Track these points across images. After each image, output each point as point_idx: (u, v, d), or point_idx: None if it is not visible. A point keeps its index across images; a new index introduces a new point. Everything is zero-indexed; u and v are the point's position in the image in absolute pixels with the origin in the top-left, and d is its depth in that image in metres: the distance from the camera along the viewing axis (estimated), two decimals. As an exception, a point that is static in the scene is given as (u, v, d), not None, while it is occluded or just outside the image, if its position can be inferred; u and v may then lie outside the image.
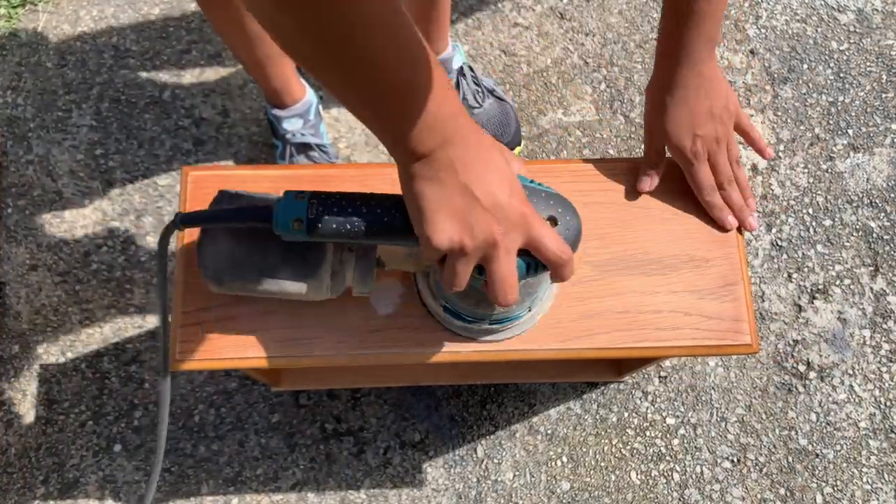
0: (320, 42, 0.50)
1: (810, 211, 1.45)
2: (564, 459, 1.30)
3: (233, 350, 0.77)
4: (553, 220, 0.62)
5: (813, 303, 1.39)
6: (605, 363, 1.28)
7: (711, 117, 0.79)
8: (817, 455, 1.31)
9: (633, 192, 0.84)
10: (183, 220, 0.66)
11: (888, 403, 1.34)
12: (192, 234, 0.80)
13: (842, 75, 1.55)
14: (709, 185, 0.81)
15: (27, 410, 1.30)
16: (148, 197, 1.42)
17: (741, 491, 1.28)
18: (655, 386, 1.34)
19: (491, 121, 1.41)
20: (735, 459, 1.30)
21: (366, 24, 0.49)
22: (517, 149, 1.45)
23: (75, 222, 1.40)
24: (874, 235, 1.43)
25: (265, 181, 0.83)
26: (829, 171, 1.48)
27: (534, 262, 0.61)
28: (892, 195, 1.46)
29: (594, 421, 1.32)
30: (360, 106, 0.55)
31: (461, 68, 1.40)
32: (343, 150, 1.46)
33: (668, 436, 1.31)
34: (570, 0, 1.59)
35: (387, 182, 0.83)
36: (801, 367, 1.35)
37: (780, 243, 1.43)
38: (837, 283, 1.40)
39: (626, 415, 1.32)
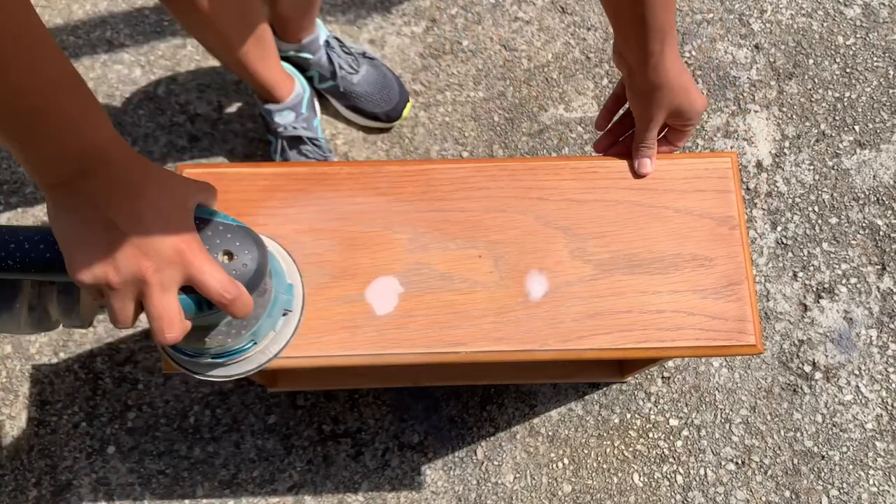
0: None
1: (816, 208, 1.45)
2: (566, 461, 1.30)
3: (228, 350, 0.77)
4: (230, 255, 0.61)
5: (819, 302, 1.39)
6: (607, 364, 1.28)
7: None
8: (823, 457, 1.31)
9: (634, 190, 0.84)
10: None
11: (895, 404, 1.34)
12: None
13: (848, 70, 1.55)
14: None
15: (19, 411, 1.30)
16: (142, 194, 1.42)
17: (746, 493, 1.28)
18: (658, 387, 1.34)
19: (372, 85, 1.43)
20: (739, 461, 1.30)
21: None
22: (408, 105, 1.46)
23: (68, 220, 1.40)
24: (881, 233, 1.43)
25: (261, 178, 0.83)
26: (835, 167, 1.48)
27: (204, 299, 0.59)
28: (900, 192, 1.46)
29: (596, 422, 1.32)
30: None
31: (327, 42, 1.41)
32: (341, 147, 1.46)
33: (671, 437, 1.31)
34: (572, -6, 1.59)
35: (385, 180, 0.83)
36: (807, 368, 1.35)
37: (785, 241, 1.43)
38: (844, 281, 1.40)
39: (628, 416, 1.32)
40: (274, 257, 0.75)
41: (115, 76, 1.50)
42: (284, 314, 0.74)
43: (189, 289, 0.58)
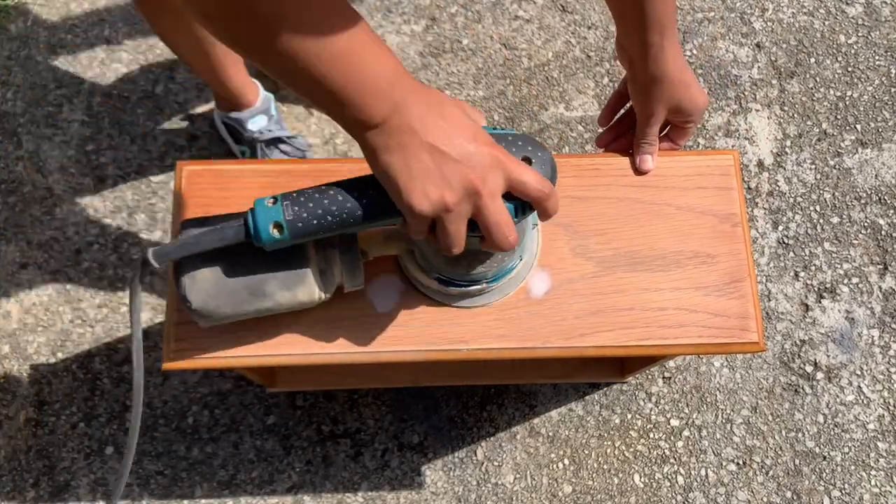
0: (255, 22, 0.51)
1: (817, 208, 1.45)
2: (566, 462, 1.30)
3: (227, 349, 0.77)
4: (527, 160, 0.62)
5: (820, 302, 1.39)
6: (608, 363, 1.28)
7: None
8: (825, 457, 1.31)
9: (636, 187, 0.84)
10: (156, 256, 0.62)
11: (897, 404, 1.34)
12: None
13: (850, 69, 1.55)
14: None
15: (17, 412, 1.30)
16: (140, 194, 1.42)
17: (747, 494, 1.28)
18: (659, 387, 1.34)
19: None
20: (741, 462, 1.30)
21: None
22: None
23: (66, 220, 1.40)
24: (883, 233, 1.44)
25: (262, 175, 0.83)
26: (837, 167, 1.48)
27: (519, 202, 0.61)
28: (901, 192, 1.46)
29: (597, 423, 1.32)
30: (303, 84, 0.55)
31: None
32: (340, 146, 1.46)
33: (672, 438, 1.31)
34: (572, -7, 1.59)
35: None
36: (809, 368, 1.35)
37: (786, 241, 1.43)
38: (845, 281, 1.40)
39: (629, 416, 1.32)
40: None
41: (113, 75, 1.50)
42: (533, 227, 0.79)
43: (504, 197, 0.60)
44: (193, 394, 1.31)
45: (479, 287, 0.75)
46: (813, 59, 1.56)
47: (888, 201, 1.46)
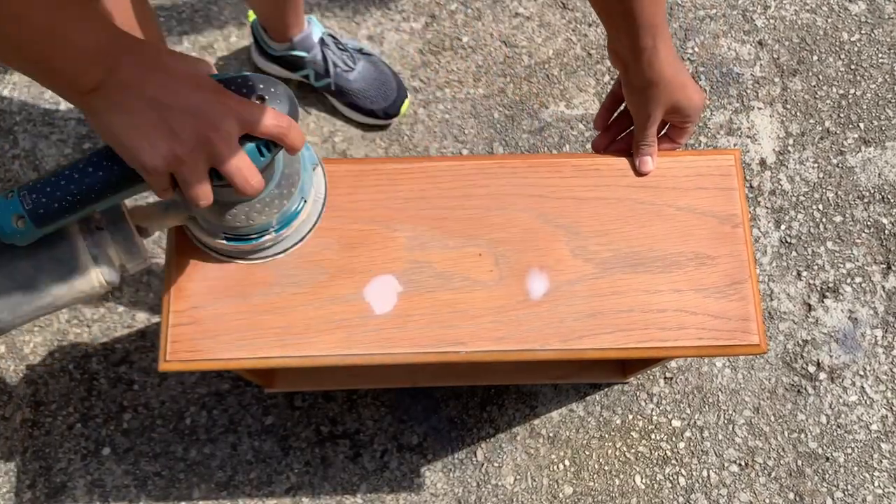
0: None
1: (820, 207, 1.45)
2: (567, 463, 1.30)
3: (225, 350, 0.77)
4: (261, 99, 0.62)
5: (823, 302, 1.39)
6: (608, 364, 1.28)
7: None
8: (827, 459, 1.31)
9: (636, 188, 0.84)
10: None
11: (900, 405, 1.34)
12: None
13: (853, 67, 1.55)
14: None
15: (13, 413, 1.30)
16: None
17: (749, 496, 1.29)
18: (661, 387, 1.34)
19: (369, 81, 1.43)
20: (743, 463, 1.30)
21: None
22: (406, 101, 1.46)
23: (63, 219, 1.40)
24: (886, 232, 1.44)
25: (258, 176, 0.83)
26: (840, 165, 1.48)
27: (261, 142, 0.60)
28: (905, 191, 1.46)
29: (597, 423, 1.32)
30: (11, 58, 0.54)
31: (322, 39, 1.40)
32: (339, 145, 1.46)
33: (673, 439, 1.31)
34: (573, -11, 1.59)
35: (383, 177, 0.83)
36: (811, 368, 1.35)
37: (789, 240, 1.43)
38: (848, 281, 1.40)
39: (630, 417, 1.32)
40: None
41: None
42: (314, 169, 0.78)
43: (244, 138, 0.59)
44: (191, 394, 1.31)
45: (269, 237, 0.75)
46: (815, 57, 1.56)
47: (891, 200, 1.46)
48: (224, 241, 0.75)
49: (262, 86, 0.62)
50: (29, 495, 1.26)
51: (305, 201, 0.76)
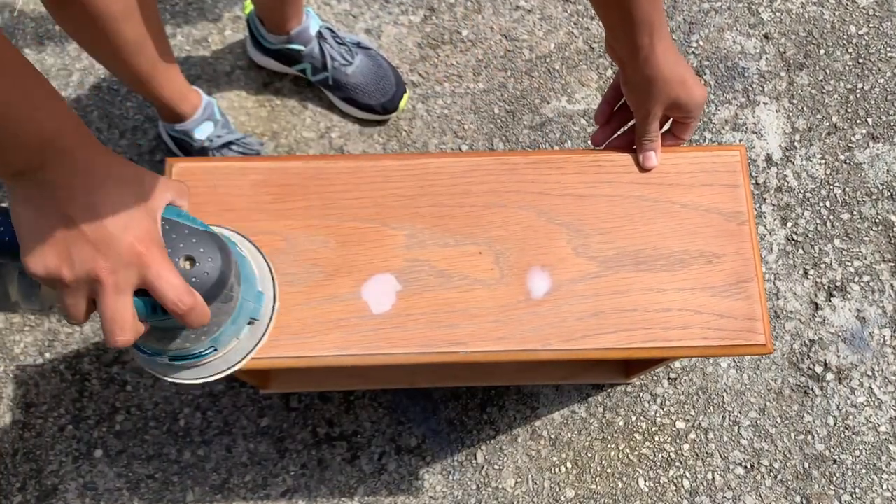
0: None
1: (827, 204, 1.45)
2: (569, 465, 1.30)
3: (219, 350, 0.77)
4: (191, 260, 0.61)
5: (830, 301, 1.39)
6: (611, 364, 1.28)
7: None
8: (835, 461, 1.31)
9: (639, 185, 0.84)
10: None
11: (909, 406, 1.34)
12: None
13: (861, 61, 1.55)
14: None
15: (3, 414, 1.30)
16: (130, 189, 1.42)
17: (755, 499, 1.28)
18: (664, 388, 1.34)
19: (367, 76, 1.43)
20: (748, 465, 1.30)
21: None
22: (404, 96, 1.46)
23: (54, 216, 1.40)
24: (895, 229, 1.43)
25: (253, 173, 0.83)
26: (848, 161, 1.48)
27: (156, 302, 0.59)
28: (914, 187, 1.46)
29: (600, 425, 1.32)
30: None
31: (319, 33, 1.40)
32: (336, 140, 1.46)
33: (677, 441, 1.31)
34: (575, -18, 1.59)
35: (381, 174, 0.83)
36: (818, 369, 1.35)
37: (795, 238, 1.43)
38: (856, 279, 1.40)
39: (633, 419, 1.32)
40: (246, 262, 0.74)
41: (101, 68, 1.49)
42: (251, 323, 0.74)
43: (145, 291, 0.58)
44: (185, 395, 1.31)
45: (162, 360, 0.72)
46: (822, 51, 1.56)
47: (900, 197, 1.46)
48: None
49: (201, 249, 0.61)
50: (20, 498, 1.26)
51: (216, 349, 0.72)
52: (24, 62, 0.52)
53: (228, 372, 0.73)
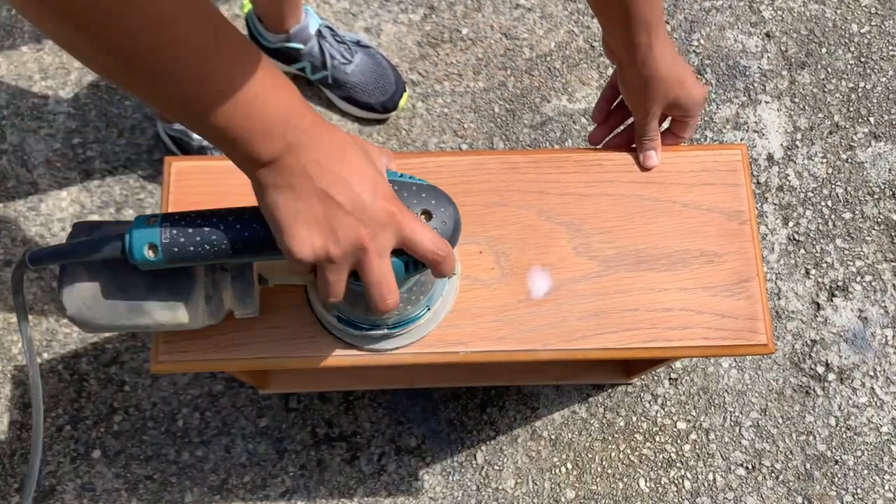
0: (125, 58, 0.48)
1: (829, 203, 1.45)
2: (569, 466, 1.30)
3: (218, 350, 0.77)
4: (427, 214, 0.62)
5: (832, 300, 1.39)
6: (612, 364, 1.28)
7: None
8: (837, 461, 1.31)
9: (640, 184, 0.84)
10: (32, 259, 0.64)
11: (911, 407, 1.34)
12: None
13: (863, 60, 1.55)
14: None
15: (1, 414, 1.30)
16: (129, 188, 1.42)
17: (756, 499, 1.28)
18: (665, 388, 1.34)
19: (366, 74, 1.43)
20: (749, 466, 1.30)
21: (166, 23, 0.47)
22: (404, 95, 1.45)
23: (52, 215, 1.40)
24: (897, 229, 1.43)
25: (252, 171, 0.82)
26: (850, 160, 1.48)
27: (412, 259, 0.61)
28: (916, 187, 1.46)
29: (600, 425, 1.32)
30: (187, 118, 0.53)
31: (319, 31, 1.40)
32: (335, 139, 1.46)
33: (678, 441, 1.31)
34: (576, -20, 1.59)
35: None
36: (820, 369, 1.35)
37: (797, 237, 1.42)
38: (858, 279, 1.40)
39: (634, 419, 1.32)
40: None
41: (100, 66, 1.49)
42: (450, 277, 0.77)
43: (396, 252, 0.60)
44: (183, 396, 1.31)
45: (379, 332, 0.75)
46: (824, 49, 1.55)
47: (902, 196, 1.46)
48: (335, 320, 0.75)
49: (433, 201, 0.63)
50: (17, 499, 1.26)
51: (429, 309, 0.76)
52: (248, 44, 0.52)
53: (435, 328, 0.77)
